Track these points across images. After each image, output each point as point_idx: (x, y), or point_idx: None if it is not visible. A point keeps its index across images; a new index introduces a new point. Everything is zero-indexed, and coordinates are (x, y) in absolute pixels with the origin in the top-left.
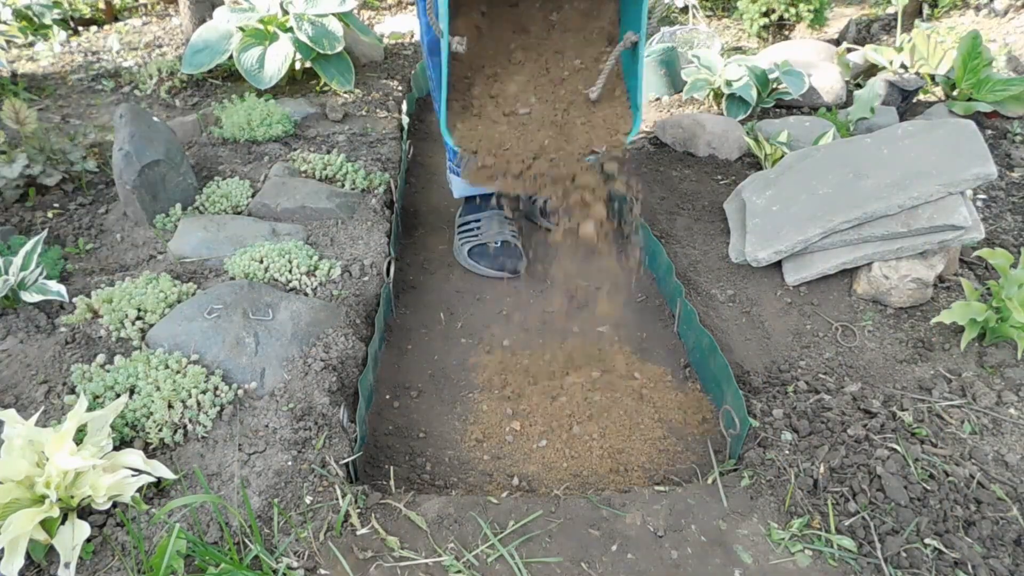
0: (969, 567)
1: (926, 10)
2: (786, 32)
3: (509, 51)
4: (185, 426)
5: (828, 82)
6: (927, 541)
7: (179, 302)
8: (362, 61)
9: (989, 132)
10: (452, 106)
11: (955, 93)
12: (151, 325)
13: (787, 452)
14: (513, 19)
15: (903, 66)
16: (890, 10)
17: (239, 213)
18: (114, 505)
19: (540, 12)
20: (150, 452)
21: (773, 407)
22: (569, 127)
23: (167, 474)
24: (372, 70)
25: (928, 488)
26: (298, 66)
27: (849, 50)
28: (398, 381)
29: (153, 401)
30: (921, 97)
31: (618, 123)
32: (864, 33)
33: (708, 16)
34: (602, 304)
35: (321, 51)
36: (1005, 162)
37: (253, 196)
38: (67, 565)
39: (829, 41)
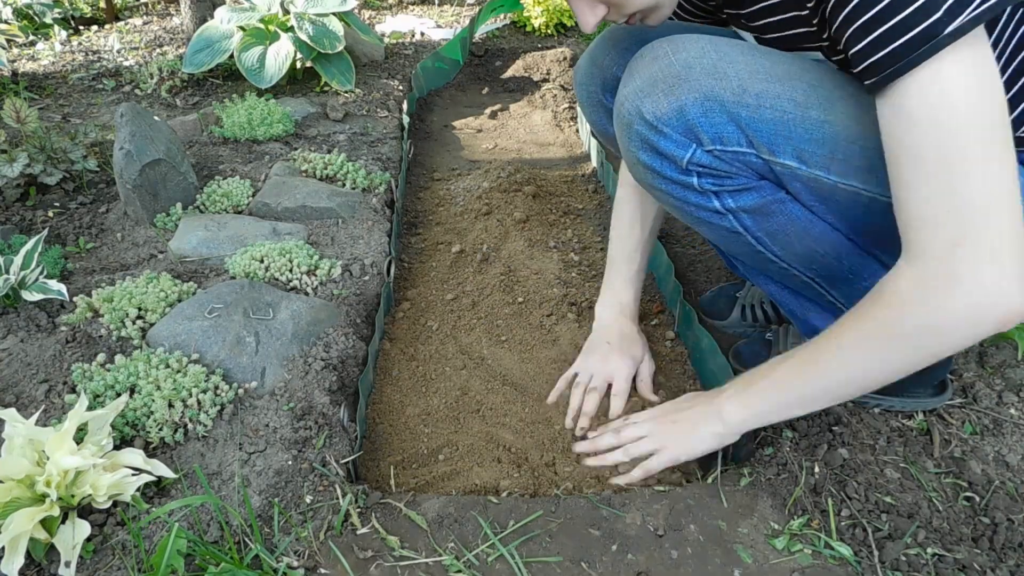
0: (975, 568)
1: None
2: None
3: None
4: (185, 425)
5: None
6: (927, 547)
7: (179, 301)
8: (363, 61)
9: None
10: None
11: None
12: (151, 324)
13: (787, 451)
14: None
15: None
16: None
17: (240, 212)
18: (114, 504)
19: None
20: (150, 451)
21: None
22: None
23: (167, 473)
24: (373, 70)
25: (928, 489)
26: (299, 65)
27: None
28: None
29: (153, 400)
30: None
31: None
32: None
33: None
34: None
35: (322, 50)
36: None
37: (254, 195)
38: (67, 564)
39: None
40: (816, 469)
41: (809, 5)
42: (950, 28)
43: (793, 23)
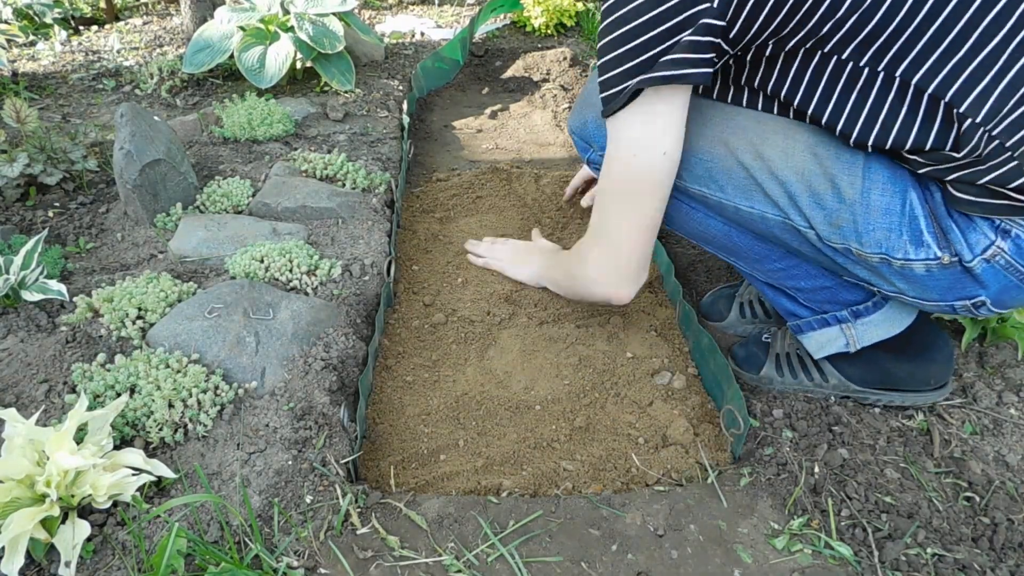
0: (975, 568)
1: None
2: None
3: None
4: (185, 425)
5: None
6: (927, 547)
7: (179, 301)
8: (363, 61)
9: None
10: None
11: None
12: (152, 324)
13: (787, 451)
14: None
15: None
16: None
17: (240, 212)
18: (114, 504)
19: None
20: (150, 451)
21: (773, 407)
22: None
23: (167, 473)
24: (373, 70)
25: (928, 489)
26: (299, 65)
27: None
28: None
29: (153, 400)
30: None
31: None
32: None
33: None
34: None
35: (322, 51)
36: None
37: (254, 195)
38: (67, 564)
39: None
40: (816, 469)
41: None
42: (616, 100)
43: None
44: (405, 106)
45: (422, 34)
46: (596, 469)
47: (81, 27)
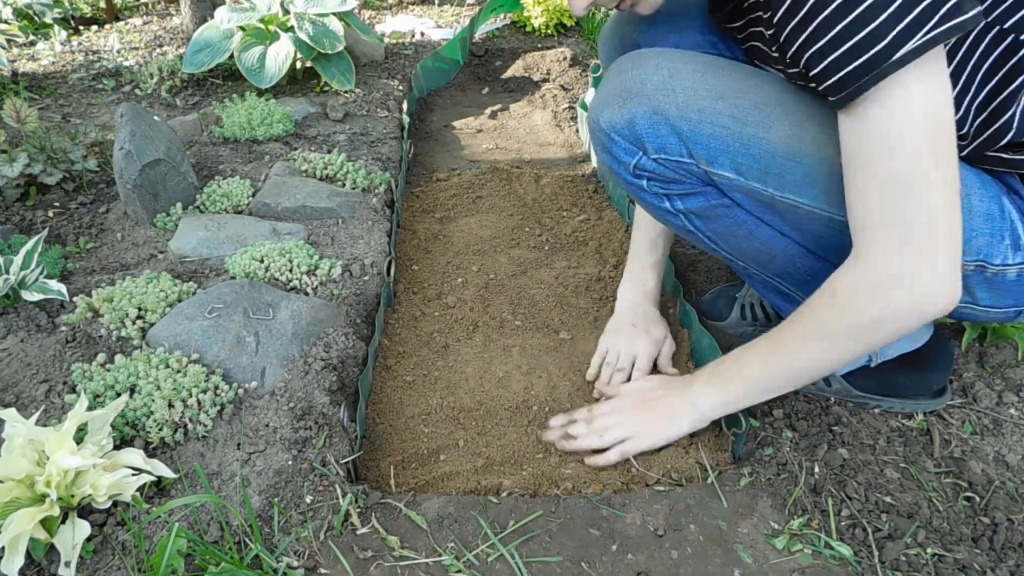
0: (975, 568)
1: None
2: None
3: None
4: (185, 425)
5: None
6: (927, 547)
7: (179, 301)
8: (363, 61)
9: None
10: None
11: None
12: (151, 324)
13: (787, 451)
14: None
15: None
16: None
17: (240, 212)
18: (114, 504)
19: None
20: (150, 451)
21: (773, 407)
22: None
23: (167, 473)
24: (373, 70)
25: (928, 489)
26: (299, 65)
27: None
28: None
29: (153, 400)
30: None
31: None
32: None
33: None
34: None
35: (322, 50)
36: None
37: (254, 195)
38: (67, 564)
39: None
40: (816, 469)
41: (769, 33)
42: (898, 55)
43: (760, 47)
44: (405, 106)
45: (422, 34)
46: (596, 469)
47: (81, 27)
